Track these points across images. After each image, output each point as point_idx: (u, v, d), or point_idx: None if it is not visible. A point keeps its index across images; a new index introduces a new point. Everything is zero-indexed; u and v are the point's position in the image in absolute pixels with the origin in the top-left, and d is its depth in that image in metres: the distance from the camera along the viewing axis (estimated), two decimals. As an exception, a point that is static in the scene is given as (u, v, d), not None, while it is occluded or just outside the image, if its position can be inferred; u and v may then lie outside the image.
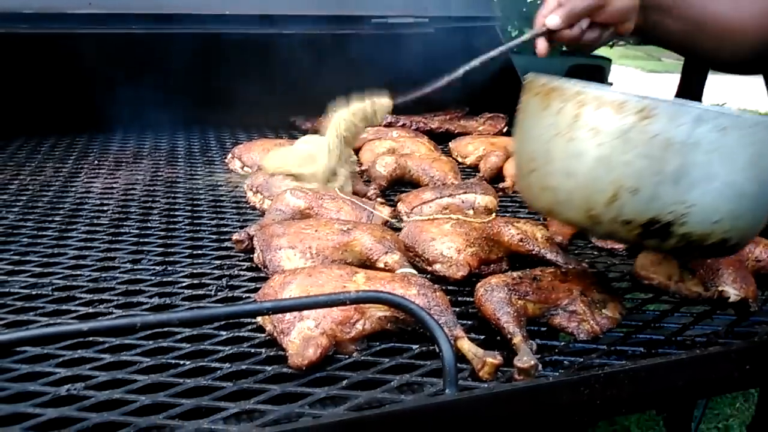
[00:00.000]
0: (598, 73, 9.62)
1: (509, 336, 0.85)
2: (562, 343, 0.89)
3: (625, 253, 1.18)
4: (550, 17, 1.16)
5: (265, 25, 1.95)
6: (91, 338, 0.83)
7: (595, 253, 1.21)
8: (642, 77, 14.91)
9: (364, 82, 2.06)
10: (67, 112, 2.01)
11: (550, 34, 1.17)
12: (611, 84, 9.81)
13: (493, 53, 1.30)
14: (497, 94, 2.04)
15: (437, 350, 0.81)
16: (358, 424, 0.68)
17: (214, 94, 2.09)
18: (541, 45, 1.19)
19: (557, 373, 0.80)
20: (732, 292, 0.95)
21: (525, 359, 0.78)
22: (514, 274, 0.96)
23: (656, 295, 1.03)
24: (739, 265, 1.00)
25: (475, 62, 1.32)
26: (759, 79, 1.32)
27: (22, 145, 1.90)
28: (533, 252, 1.10)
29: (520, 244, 1.11)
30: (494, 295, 0.90)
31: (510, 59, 2.00)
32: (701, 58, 1.36)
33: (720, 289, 0.95)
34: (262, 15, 1.95)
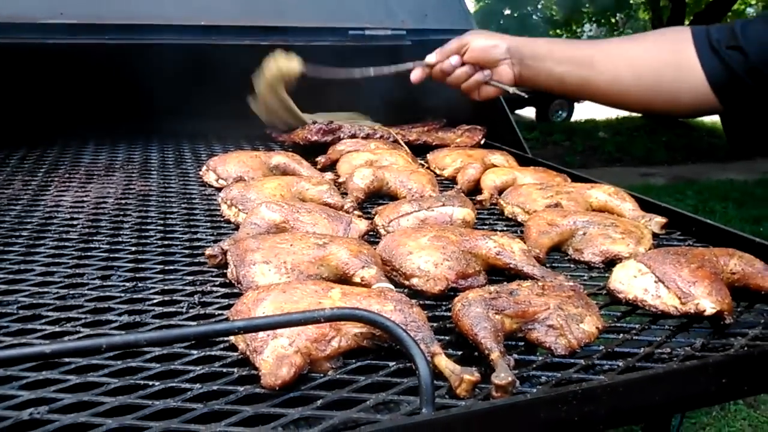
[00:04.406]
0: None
1: (486, 352, 0.84)
2: (540, 358, 0.88)
3: (602, 266, 1.18)
4: (430, 55, 1.61)
5: (242, 35, 1.94)
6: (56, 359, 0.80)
7: (572, 266, 1.20)
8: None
9: (340, 94, 2.06)
10: (37, 123, 1.97)
11: (430, 67, 1.62)
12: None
13: (390, 70, 1.68)
14: (475, 106, 2.05)
15: (414, 368, 0.80)
16: (333, 446, 0.66)
17: (188, 106, 2.07)
18: (416, 74, 1.63)
19: (535, 390, 0.79)
20: (708, 305, 0.94)
21: (502, 375, 0.77)
22: (491, 288, 0.95)
23: (632, 309, 1.03)
24: (714, 278, 0.99)
25: (385, 70, 1.69)
26: None
27: (-10, 158, 1.85)
28: (510, 265, 1.10)
29: (498, 257, 1.10)
30: (471, 310, 0.89)
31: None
32: (602, 99, 1.45)
33: (696, 302, 0.95)
34: (240, 26, 1.94)
